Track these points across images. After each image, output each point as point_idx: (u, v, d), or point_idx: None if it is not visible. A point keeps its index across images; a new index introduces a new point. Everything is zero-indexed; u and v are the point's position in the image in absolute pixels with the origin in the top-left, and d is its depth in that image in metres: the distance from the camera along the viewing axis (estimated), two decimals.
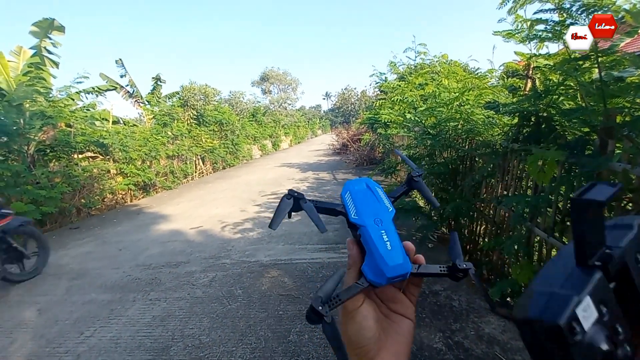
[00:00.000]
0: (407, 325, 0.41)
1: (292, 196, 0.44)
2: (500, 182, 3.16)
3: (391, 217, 0.41)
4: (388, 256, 0.37)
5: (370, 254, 0.38)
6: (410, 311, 0.42)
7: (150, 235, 5.56)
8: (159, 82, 12.43)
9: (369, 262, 0.39)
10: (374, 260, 0.38)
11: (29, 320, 3.17)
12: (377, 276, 0.37)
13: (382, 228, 0.39)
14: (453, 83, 4.45)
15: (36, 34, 7.89)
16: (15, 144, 6.30)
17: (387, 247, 0.38)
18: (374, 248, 0.38)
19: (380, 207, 0.42)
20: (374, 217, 0.40)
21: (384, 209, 0.42)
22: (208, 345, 2.59)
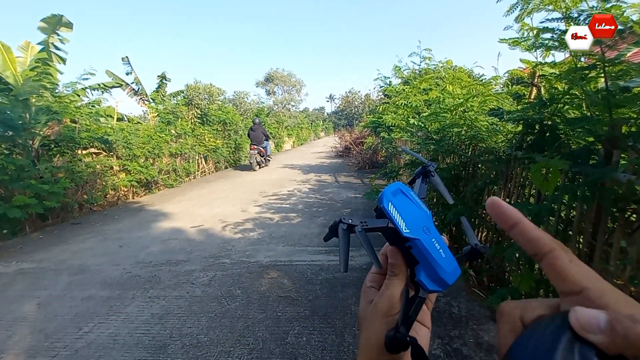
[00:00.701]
0: (425, 333, 0.41)
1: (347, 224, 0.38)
2: (502, 190, 3.15)
3: (432, 221, 0.41)
4: (446, 264, 0.38)
5: (428, 264, 0.38)
6: (428, 318, 0.42)
7: (151, 232, 5.57)
8: (164, 80, 12.50)
9: (428, 272, 0.38)
10: (433, 270, 0.38)
11: (28, 314, 3.18)
12: (438, 284, 0.38)
13: (432, 236, 0.39)
14: (457, 89, 4.46)
15: (44, 30, 7.96)
16: (21, 138, 6.34)
17: (442, 255, 0.38)
18: (433, 259, 0.38)
19: (421, 213, 0.41)
20: (422, 226, 0.40)
21: (424, 214, 0.41)
22: (206, 345, 2.59)
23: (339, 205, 6.91)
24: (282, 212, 6.46)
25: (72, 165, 7.13)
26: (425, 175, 0.46)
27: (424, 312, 0.42)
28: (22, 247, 5.18)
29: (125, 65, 12.07)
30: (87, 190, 7.31)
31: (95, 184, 7.59)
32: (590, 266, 0.77)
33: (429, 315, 0.43)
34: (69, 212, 6.93)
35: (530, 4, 1.98)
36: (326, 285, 3.47)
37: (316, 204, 7.12)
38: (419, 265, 0.38)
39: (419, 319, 0.41)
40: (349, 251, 0.37)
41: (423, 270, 0.38)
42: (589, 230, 2.00)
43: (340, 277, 3.64)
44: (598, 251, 1.93)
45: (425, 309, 0.43)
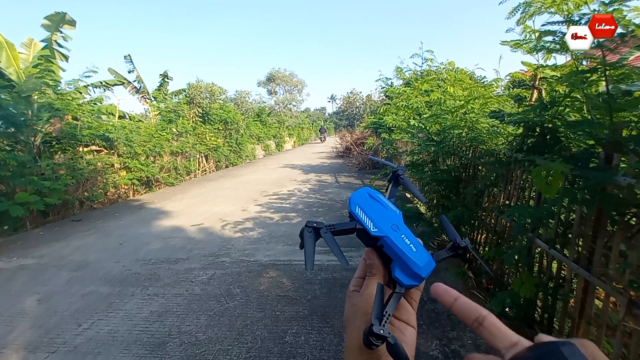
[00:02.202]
0: (411, 332, 0.41)
1: (312, 227, 0.42)
2: (502, 192, 3.15)
3: (402, 219, 0.43)
4: (417, 258, 0.40)
5: (400, 260, 0.40)
6: (413, 318, 0.43)
7: (151, 230, 5.58)
8: (166, 79, 12.52)
9: (401, 268, 0.40)
10: (406, 265, 0.40)
11: (28, 309, 3.19)
12: (413, 279, 0.40)
13: (402, 233, 0.41)
14: (459, 91, 4.46)
15: (48, 27, 7.99)
16: (23, 135, 6.36)
17: (412, 249, 0.40)
18: (403, 254, 0.40)
19: (389, 212, 0.43)
20: (390, 225, 0.42)
21: (393, 213, 0.43)
22: (204, 343, 2.59)
23: (339, 205, 6.91)
24: (282, 212, 6.46)
25: (73, 162, 7.15)
26: (395, 179, 0.49)
27: (408, 313, 0.43)
28: (23, 243, 5.19)
29: (127, 64, 12.10)
30: (88, 188, 7.32)
31: (96, 181, 7.61)
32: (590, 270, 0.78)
33: (414, 316, 0.43)
34: (69, 209, 6.95)
35: (532, 7, 1.99)
36: (325, 285, 3.47)
37: (316, 204, 7.12)
38: (393, 262, 0.40)
39: (404, 319, 0.42)
40: (314, 252, 0.40)
41: (397, 267, 0.40)
42: (589, 234, 2.00)
43: (339, 277, 3.64)
44: (597, 255, 1.93)
45: (410, 309, 0.43)
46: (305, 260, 0.40)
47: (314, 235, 0.41)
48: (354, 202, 0.44)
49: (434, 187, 4.47)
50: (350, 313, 0.42)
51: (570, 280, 2.15)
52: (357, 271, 0.46)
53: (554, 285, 2.31)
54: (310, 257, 0.40)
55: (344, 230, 0.42)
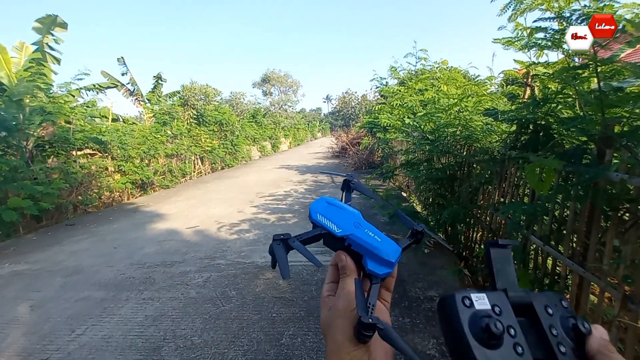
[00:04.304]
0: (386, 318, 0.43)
1: (280, 240, 0.44)
2: (497, 189, 3.16)
3: (361, 217, 0.46)
4: (384, 247, 0.43)
5: (369, 252, 0.43)
6: (387, 316, 0.44)
7: (146, 233, 5.53)
8: (160, 80, 12.45)
9: (372, 259, 0.43)
10: (376, 256, 0.43)
11: (21, 316, 3.15)
12: (385, 266, 0.43)
13: (364, 228, 0.45)
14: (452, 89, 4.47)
15: (39, 30, 7.90)
16: (14, 139, 6.29)
17: (377, 240, 0.44)
18: (371, 246, 0.43)
19: (349, 213, 0.47)
20: (352, 223, 0.45)
21: (352, 213, 0.47)
22: (200, 347, 2.57)
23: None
24: (278, 213, 6.44)
25: (66, 166, 7.08)
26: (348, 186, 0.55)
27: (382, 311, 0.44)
28: (15, 248, 5.13)
29: (120, 66, 12.02)
30: (81, 192, 7.26)
31: (90, 185, 7.54)
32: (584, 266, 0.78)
33: (387, 313, 0.45)
34: (63, 213, 6.88)
35: (522, 3, 1.99)
36: (321, 286, 3.45)
37: None
38: (364, 256, 0.43)
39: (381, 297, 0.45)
40: (287, 262, 0.43)
41: (369, 260, 0.43)
42: (583, 230, 2.01)
43: None
44: (592, 251, 1.93)
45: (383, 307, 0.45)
46: (281, 271, 0.42)
47: (283, 247, 0.44)
48: (315, 210, 0.47)
49: (430, 185, 4.47)
50: (328, 317, 0.41)
51: (565, 276, 2.15)
52: (327, 277, 0.47)
53: (549, 281, 2.31)
54: (285, 266, 0.42)
55: (311, 238, 0.46)
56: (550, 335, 0.33)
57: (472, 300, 0.33)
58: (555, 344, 0.32)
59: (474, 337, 0.31)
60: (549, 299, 0.35)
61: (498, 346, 0.31)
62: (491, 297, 0.34)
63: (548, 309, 0.34)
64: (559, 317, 0.34)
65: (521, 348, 0.31)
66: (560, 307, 0.35)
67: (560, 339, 0.33)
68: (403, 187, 7.85)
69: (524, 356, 0.31)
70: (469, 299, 0.33)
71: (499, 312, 0.33)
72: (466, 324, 0.32)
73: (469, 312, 0.33)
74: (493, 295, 0.34)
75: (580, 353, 0.32)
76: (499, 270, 0.37)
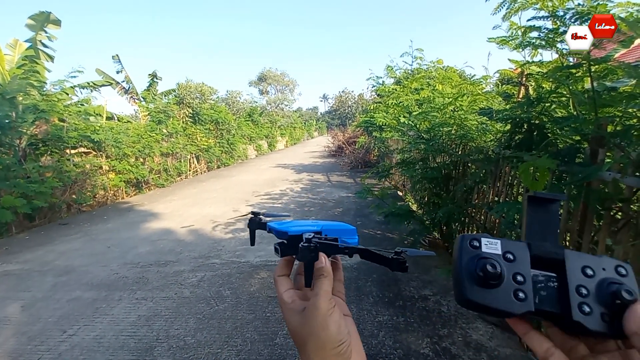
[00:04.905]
0: (351, 321, 0.45)
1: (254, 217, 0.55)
2: (491, 188, 3.16)
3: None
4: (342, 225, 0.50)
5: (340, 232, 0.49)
6: (346, 308, 0.47)
7: (140, 233, 5.49)
8: (155, 79, 12.37)
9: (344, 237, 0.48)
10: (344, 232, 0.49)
11: (12, 316, 3.11)
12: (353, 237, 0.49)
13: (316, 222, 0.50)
14: (448, 88, 4.47)
15: (32, 27, 7.82)
16: (7, 137, 6.21)
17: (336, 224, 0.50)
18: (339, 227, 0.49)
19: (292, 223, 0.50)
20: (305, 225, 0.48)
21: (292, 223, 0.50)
22: (193, 347, 2.55)
23: (331, 204, 6.89)
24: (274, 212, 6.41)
25: (60, 164, 7.01)
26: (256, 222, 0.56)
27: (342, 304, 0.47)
28: (7, 248, 5.07)
29: (115, 64, 11.93)
30: (75, 190, 7.19)
31: (84, 183, 7.48)
32: None
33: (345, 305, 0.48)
34: (56, 212, 6.82)
35: (516, 2, 1.98)
36: None
37: (308, 203, 7.09)
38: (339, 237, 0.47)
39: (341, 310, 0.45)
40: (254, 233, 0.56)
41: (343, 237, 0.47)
42: (576, 229, 2.01)
43: None
44: (584, 250, 1.93)
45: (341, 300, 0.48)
46: None
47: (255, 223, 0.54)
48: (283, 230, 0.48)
49: (425, 184, 4.47)
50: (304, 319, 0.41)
51: None
52: (281, 285, 0.46)
53: None
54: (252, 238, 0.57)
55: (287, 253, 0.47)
56: (573, 293, 0.32)
57: (480, 243, 0.34)
58: (577, 302, 0.31)
59: (470, 276, 0.33)
60: (597, 262, 0.33)
61: (496, 287, 0.32)
62: (509, 245, 0.34)
63: (587, 270, 0.33)
64: (599, 280, 0.32)
65: (523, 294, 0.32)
66: (611, 271, 0.33)
67: (588, 299, 0.31)
68: (399, 186, 7.85)
69: (525, 302, 0.32)
70: (477, 241, 0.34)
71: (511, 259, 0.33)
72: (464, 263, 0.34)
73: (472, 253, 0.34)
74: (513, 244, 0.34)
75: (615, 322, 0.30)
76: (533, 225, 0.36)
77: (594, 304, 0.31)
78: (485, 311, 0.33)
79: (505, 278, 0.32)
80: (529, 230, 0.36)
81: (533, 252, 0.34)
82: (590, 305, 0.31)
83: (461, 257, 0.34)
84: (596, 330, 0.30)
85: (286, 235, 0.46)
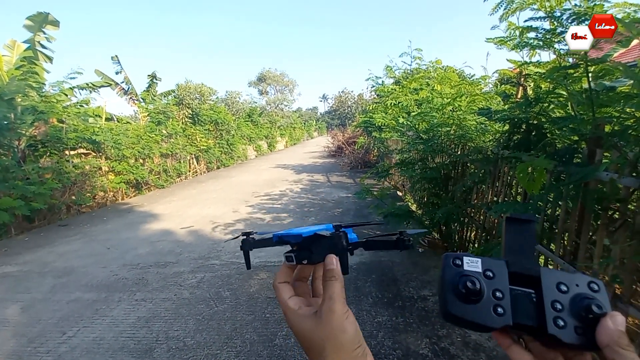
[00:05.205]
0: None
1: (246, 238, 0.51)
2: (490, 188, 3.17)
3: None
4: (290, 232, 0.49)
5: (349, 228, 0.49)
6: None
7: (140, 234, 5.49)
8: (155, 79, 12.36)
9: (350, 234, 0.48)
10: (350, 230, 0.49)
11: (11, 318, 3.11)
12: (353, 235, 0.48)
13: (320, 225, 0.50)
14: (447, 88, 4.47)
15: (30, 28, 7.81)
16: (5, 139, 6.21)
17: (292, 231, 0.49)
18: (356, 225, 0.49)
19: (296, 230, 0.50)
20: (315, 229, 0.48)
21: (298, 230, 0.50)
22: (192, 348, 2.55)
23: (330, 205, 6.90)
24: (274, 213, 6.42)
25: (59, 166, 7.01)
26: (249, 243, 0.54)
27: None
28: (6, 249, 5.07)
29: (114, 65, 11.91)
30: (75, 192, 7.19)
31: (83, 185, 7.47)
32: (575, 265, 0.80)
33: None
34: (56, 214, 6.81)
35: (514, 3, 1.98)
36: None
37: (308, 204, 7.10)
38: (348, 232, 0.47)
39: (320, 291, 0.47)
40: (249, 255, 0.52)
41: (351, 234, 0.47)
42: (574, 229, 2.01)
43: None
44: (582, 250, 1.94)
45: None
46: None
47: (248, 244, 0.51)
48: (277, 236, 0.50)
49: (424, 184, 4.48)
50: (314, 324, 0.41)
51: None
52: (284, 292, 0.46)
53: None
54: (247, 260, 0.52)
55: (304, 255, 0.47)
56: (549, 308, 0.33)
57: (462, 261, 0.36)
58: (553, 316, 0.33)
59: (452, 292, 0.35)
60: (570, 278, 0.35)
61: (476, 302, 0.34)
62: (488, 263, 0.36)
63: (561, 286, 0.35)
64: (572, 296, 0.34)
65: (502, 309, 0.34)
66: (584, 287, 0.35)
67: (562, 314, 0.33)
68: (398, 186, 7.85)
69: (504, 317, 0.33)
70: (460, 260, 0.37)
71: (490, 276, 0.35)
72: (447, 280, 0.36)
73: (455, 270, 0.36)
74: (492, 262, 0.36)
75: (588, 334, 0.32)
76: (511, 244, 0.38)
77: (568, 318, 0.33)
78: (467, 326, 0.34)
79: (485, 294, 0.34)
80: (508, 248, 0.38)
81: (511, 269, 0.36)
82: (564, 319, 0.33)
83: (445, 274, 0.36)
84: (571, 342, 0.32)
85: (300, 237, 0.47)
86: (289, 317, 0.44)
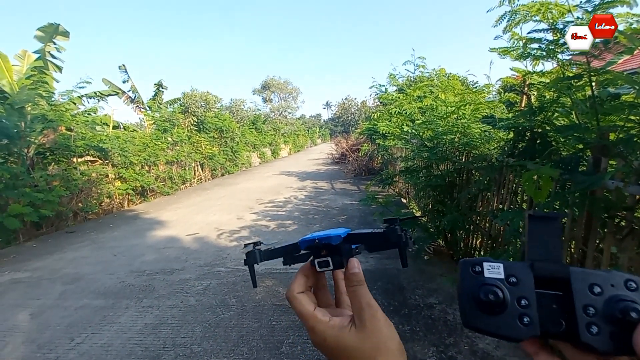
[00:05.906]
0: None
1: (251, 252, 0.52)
2: (495, 196, 3.18)
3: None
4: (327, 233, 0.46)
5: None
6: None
7: (146, 241, 5.53)
8: (161, 88, 12.53)
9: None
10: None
11: (21, 324, 3.14)
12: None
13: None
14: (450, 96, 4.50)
15: (41, 39, 7.98)
16: (16, 147, 6.33)
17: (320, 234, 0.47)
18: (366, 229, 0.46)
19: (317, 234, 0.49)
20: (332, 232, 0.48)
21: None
22: (199, 355, 2.56)
23: (335, 212, 6.91)
24: (278, 220, 6.45)
25: (67, 173, 7.10)
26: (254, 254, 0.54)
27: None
28: (15, 256, 5.13)
29: (122, 74, 12.11)
30: (82, 199, 7.27)
31: (90, 192, 7.56)
32: None
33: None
34: (63, 221, 6.89)
35: (517, 15, 2.02)
36: None
37: (312, 211, 7.12)
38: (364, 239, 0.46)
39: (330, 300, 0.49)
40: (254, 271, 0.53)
41: None
42: (581, 237, 2.02)
43: None
44: (589, 258, 1.94)
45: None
46: None
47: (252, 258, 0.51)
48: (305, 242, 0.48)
49: (429, 192, 4.49)
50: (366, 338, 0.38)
51: None
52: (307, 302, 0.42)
53: None
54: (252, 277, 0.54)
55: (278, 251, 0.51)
56: (580, 313, 0.30)
57: (483, 267, 0.34)
58: (585, 323, 0.30)
59: (473, 303, 0.33)
60: (605, 278, 0.31)
61: (500, 313, 0.32)
62: (511, 267, 0.34)
63: (595, 288, 0.31)
64: (607, 297, 0.31)
65: (528, 318, 0.31)
66: (620, 287, 0.31)
67: (595, 319, 0.30)
68: (403, 194, 7.86)
69: (530, 327, 0.31)
70: (479, 266, 0.34)
71: (514, 283, 0.33)
72: (466, 290, 0.33)
73: (475, 279, 0.34)
74: (515, 266, 0.34)
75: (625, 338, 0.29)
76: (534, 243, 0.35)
77: (603, 323, 0.30)
78: (491, 335, 0.33)
79: (510, 303, 0.32)
80: (531, 249, 0.35)
81: (536, 272, 0.33)
82: (598, 324, 0.30)
83: (463, 284, 0.34)
84: (606, 350, 0.29)
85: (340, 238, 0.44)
86: (319, 331, 0.39)
